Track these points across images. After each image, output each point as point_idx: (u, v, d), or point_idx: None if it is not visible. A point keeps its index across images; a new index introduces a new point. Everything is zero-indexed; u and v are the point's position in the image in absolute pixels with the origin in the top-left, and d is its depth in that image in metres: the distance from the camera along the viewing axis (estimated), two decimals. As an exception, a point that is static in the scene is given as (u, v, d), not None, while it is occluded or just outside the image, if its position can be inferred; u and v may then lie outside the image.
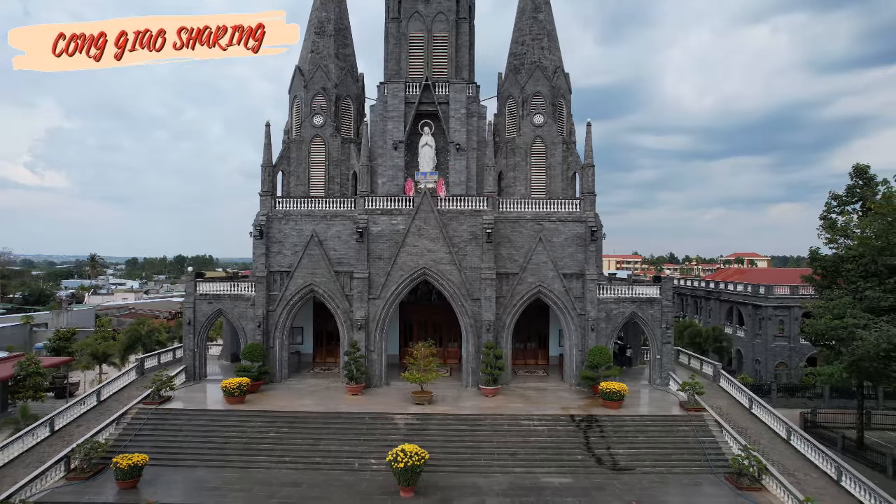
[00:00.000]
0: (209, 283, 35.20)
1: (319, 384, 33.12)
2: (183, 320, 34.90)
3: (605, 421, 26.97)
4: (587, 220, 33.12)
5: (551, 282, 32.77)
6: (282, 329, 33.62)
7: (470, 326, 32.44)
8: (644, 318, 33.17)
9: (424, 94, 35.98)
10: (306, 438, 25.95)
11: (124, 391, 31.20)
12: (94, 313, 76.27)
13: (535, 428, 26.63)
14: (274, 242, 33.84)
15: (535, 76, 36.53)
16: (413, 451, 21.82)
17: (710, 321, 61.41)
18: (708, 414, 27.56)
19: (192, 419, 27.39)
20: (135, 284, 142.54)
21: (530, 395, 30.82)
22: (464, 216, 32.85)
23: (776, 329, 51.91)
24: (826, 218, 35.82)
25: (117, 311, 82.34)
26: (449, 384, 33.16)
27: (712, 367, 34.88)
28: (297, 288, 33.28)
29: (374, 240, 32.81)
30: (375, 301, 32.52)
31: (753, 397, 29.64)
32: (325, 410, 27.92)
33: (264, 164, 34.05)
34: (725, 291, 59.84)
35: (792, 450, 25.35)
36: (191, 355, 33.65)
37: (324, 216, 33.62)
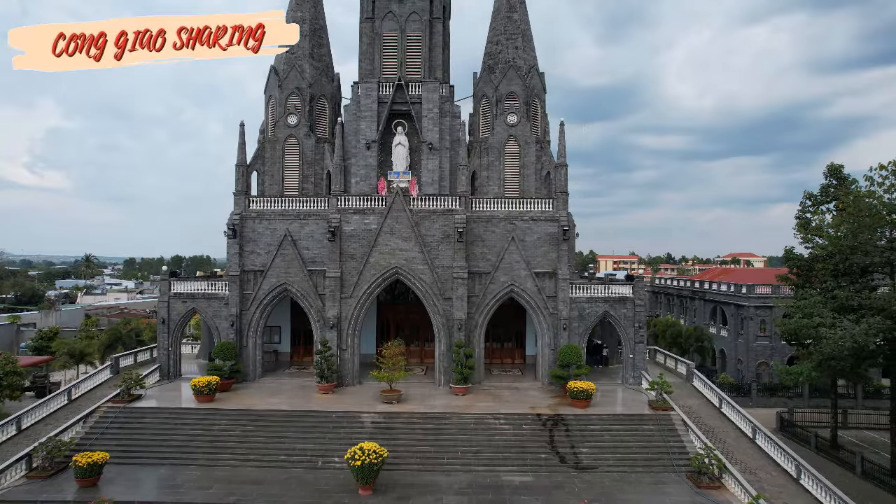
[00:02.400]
0: (184, 282, 35.22)
1: (293, 383, 33.12)
2: (157, 319, 34.91)
3: (571, 420, 26.92)
4: (560, 220, 33.10)
5: (524, 281, 32.76)
6: (255, 328, 33.63)
7: (442, 325, 32.44)
8: (617, 317, 33.14)
9: (398, 93, 36.01)
10: (272, 436, 25.93)
11: (96, 390, 31.23)
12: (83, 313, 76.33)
13: (500, 427, 26.60)
14: (248, 242, 33.86)
15: (509, 76, 36.57)
16: (371, 449, 21.79)
17: (696, 321, 61.42)
18: (675, 413, 27.50)
19: (158, 417, 27.39)
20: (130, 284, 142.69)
21: (501, 394, 30.80)
22: (436, 215, 32.86)
23: (758, 328, 51.90)
24: (801, 217, 35.84)
25: (107, 311, 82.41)
26: (423, 383, 33.17)
27: (686, 366, 34.88)
28: (271, 287, 33.30)
29: (346, 239, 32.82)
30: (348, 300, 32.53)
31: (723, 396, 29.59)
32: (292, 409, 27.93)
33: (238, 163, 34.06)
34: (710, 291, 59.85)
35: (756, 448, 25.31)
36: (164, 354, 33.69)
37: (297, 215, 33.64)
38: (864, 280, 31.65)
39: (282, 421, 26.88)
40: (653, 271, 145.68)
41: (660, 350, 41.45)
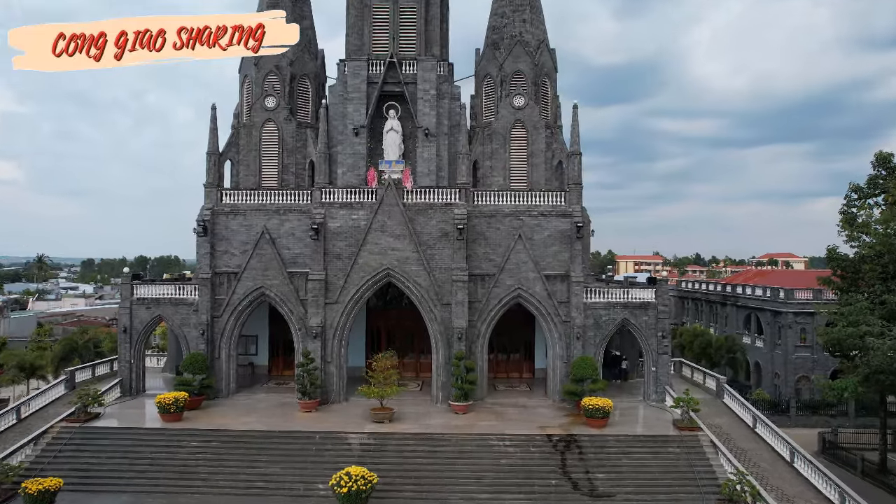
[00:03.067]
0: (148, 285, 35.27)
1: (271, 399, 33.18)
2: (118, 328, 34.97)
3: (585, 441, 26.96)
4: (573, 215, 33.13)
5: (532, 284, 32.79)
6: (229, 337, 33.68)
7: (440, 335, 32.47)
8: (637, 325, 33.18)
9: (390, 72, 36.02)
10: (247, 460, 25.97)
11: (49, 408, 31.18)
12: (35, 321, 76.42)
13: (506, 449, 26.63)
14: (220, 240, 33.89)
15: (516, 52, 36.63)
16: (359, 474, 21.87)
17: (727, 330, 61.46)
18: (703, 434, 27.53)
19: (119, 439, 27.45)
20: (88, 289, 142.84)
21: (506, 413, 30.85)
22: (433, 210, 32.89)
23: (797, 338, 51.91)
24: (846, 213, 35.85)
25: (62, 319, 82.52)
26: (418, 400, 33.20)
27: (716, 381, 34.91)
28: (246, 291, 33.34)
29: (332, 237, 32.85)
30: (333, 306, 32.56)
31: (757, 415, 29.62)
32: (271, 429, 27.99)
33: (209, 151, 34.11)
34: (743, 296, 59.89)
35: (795, 473, 25.32)
36: (126, 367, 33.73)
37: (276, 210, 33.67)
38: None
39: (258, 443, 26.89)
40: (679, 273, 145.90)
41: (686, 363, 41.41)
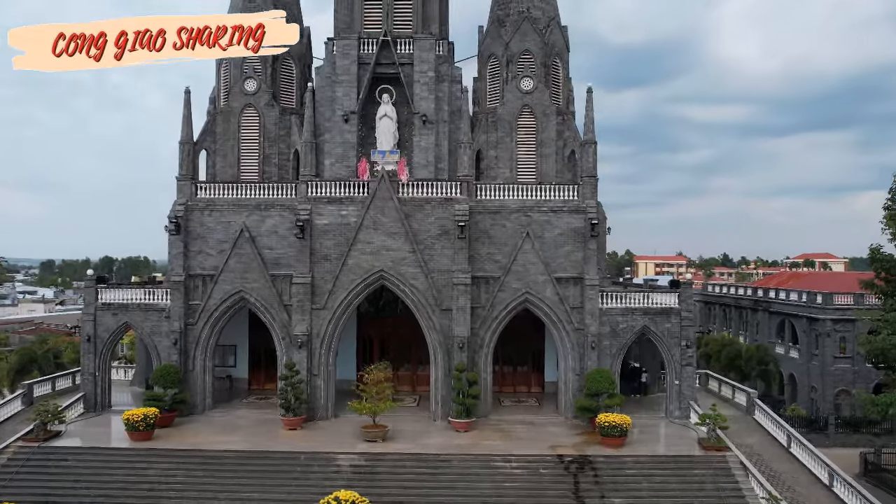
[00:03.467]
0: (115, 289, 35.30)
1: (251, 416, 33.23)
2: (81, 336, 34.94)
3: (601, 463, 26.97)
4: (587, 211, 33.08)
5: (542, 288, 32.75)
6: (204, 347, 33.66)
7: (439, 344, 32.45)
8: (659, 333, 33.15)
9: (383, 52, 35.99)
10: (225, 484, 25.98)
11: (5, 425, 31.27)
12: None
13: (512, 472, 26.66)
14: (194, 239, 33.86)
15: (523, 30, 36.66)
16: (349, 499, 21.68)
17: (759, 338, 61.42)
18: (732, 454, 27.51)
19: (83, 460, 27.50)
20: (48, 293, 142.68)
21: (513, 431, 30.85)
22: (432, 206, 32.88)
23: (837, 348, 51.85)
24: (891, 208, 35.74)
25: (19, 326, 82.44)
26: (415, 416, 33.25)
27: (746, 395, 34.90)
28: (224, 296, 33.31)
29: (319, 235, 32.83)
30: (320, 312, 32.53)
31: (792, 433, 29.64)
32: (251, 448, 28.02)
33: (183, 140, 34.11)
34: (776, 301, 59.87)
35: (834, 498, 25.34)
36: (90, 380, 33.74)
37: (257, 206, 33.66)
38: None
39: (237, 464, 26.89)
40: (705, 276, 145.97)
41: (713, 375, 41.39)
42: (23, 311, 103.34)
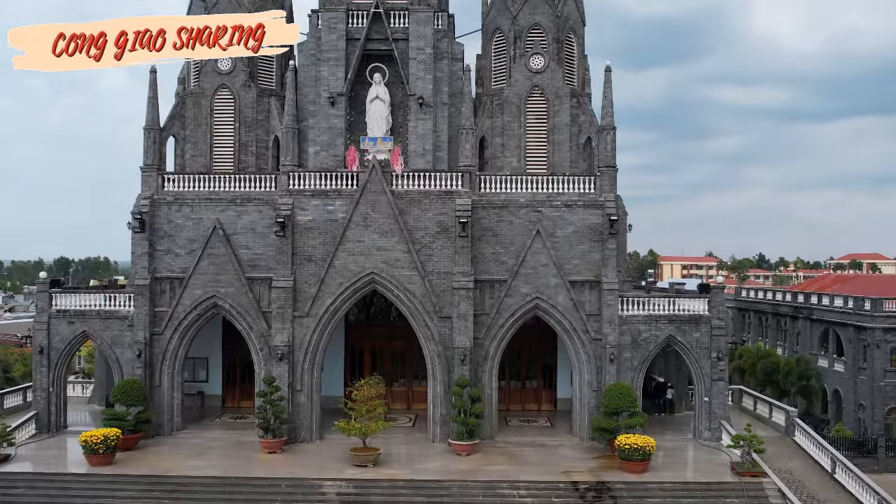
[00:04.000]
0: (71, 294, 35.35)
1: (226, 438, 33.42)
2: (32, 347, 35.02)
3: (621, 490, 27.11)
4: (605, 206, 33.20)
5: (553, 293, 32.85)
6: (173, 359, 33.74)
7: (438, 356, 32.54)
8: (686, 344, 33.24)
9: (375, 26, 36.17)
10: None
11: (-54, 448, 31.26)
12: (-72, 339, 76.35)
13: (521, 501, 26.79)
14: (161, 237, 33.96)
15: (533, 1, 36.77)
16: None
17: (799, 350, 61.55)
18: (769, 480, 27.71)
19: (35, 487, 27.58)
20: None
21: (522, 454, 31.00)
22: (429, 200, 33.00)
23: (888, 361, 51.96)
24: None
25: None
26: (411, 438, 33.48)
27: (785, 414, 35.00)
28: (194, 301, 33.40)
29: (302, 233, 32.95)
30: (303, 320, 32.64)
31: (837, 457, 29.71)
32: (225, 474, 28.17)
33: (147, 126, 34.18)
34: (818, 307, 59.99)
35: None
36: (43, 396, 33.81)
37: (232, 200, 33.78)
38: None
39: (210, 492, 27.02)
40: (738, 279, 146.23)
41: (747, 391, 41.51)
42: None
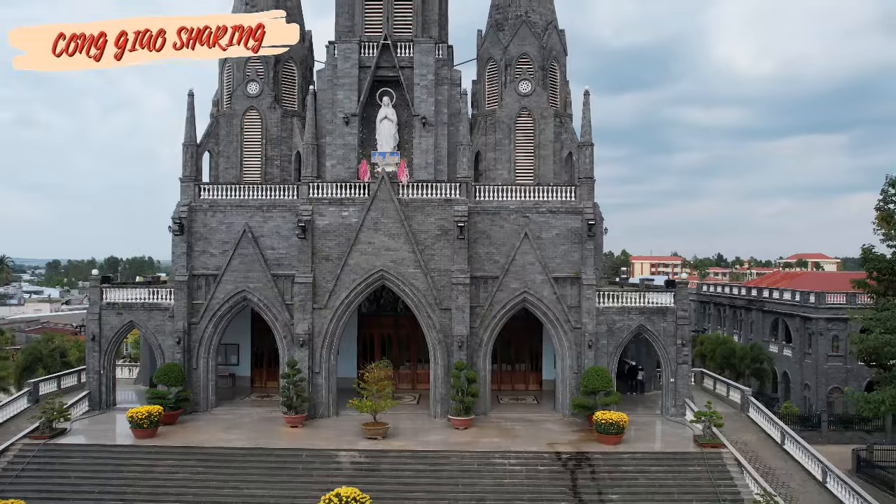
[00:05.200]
0: (119, 289, 35.24)
1: (254, 414, 33.23)
2: (86, 335, 34.89)
3: (598, 460, 26.97)
4: (584, 212, 33.07)
5: (539, 287, 32.73)
6: (208, 346, 33.61)
7: (438, 343, 32.43)
8: (655, 332, 33.13)
9: (384, 55, 35.93)
10: (227, 480, 26.00)
11: (11, 423, 31.17)
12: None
13: (511, 468, 26.64)
14: (198, 239, 33.83)
15: (521, 34, 36.67)
16: (350, 495, 21.63)
17: (752, 337, 61.46)
18: (727, 451, 27.55)
19: (88, 457, 27.49)
20: (54, 293, 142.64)
21: (512, 428, 30.85)
22: (431, 207, 32.86)
23: (829, 346, 51.87)
24: (882, 209, 35.75)
25: (25, 326, 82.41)
26: (416, 414, 33.26)
27: (741, 393, 34.88)
28: (227, 295, 33.28)
29: (320, 236, 32.80)
30: (322, 311, 32.50)
31: (786, 430, 29.62)
32: (253, 446, 28.01)
33: (186, 142, 34.08)
34: (770, 300, 59.87)
35: (827, 494, 25.32)
36: (95, 378, 33.66)
37: (259, 207, 33.64)
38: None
39: (240, 461, 26.90)
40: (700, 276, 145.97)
41: (708, 373, 41.39)
42: (29, 311, 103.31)
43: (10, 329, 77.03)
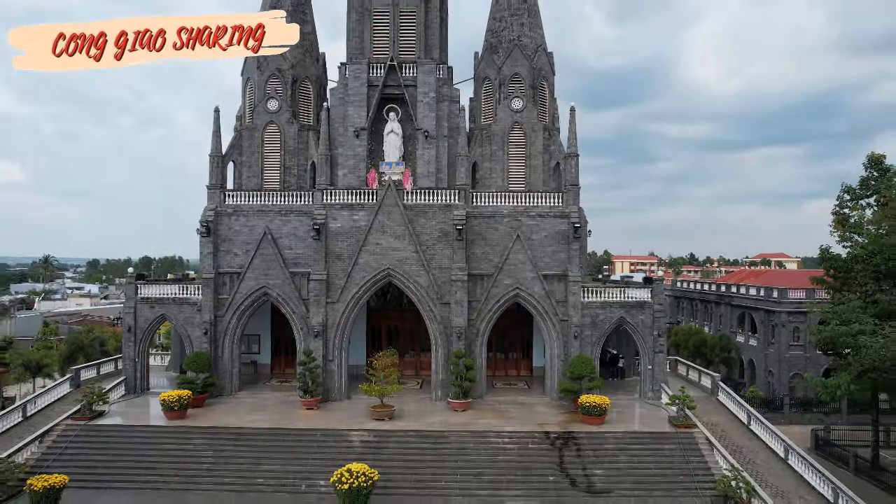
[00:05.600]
0: (152, 285, 35.17)
1: (274, 397, 33.11)
2: (122, 327, 34.85)
3: (583, 438, 26.89)
4: (570, 216, 33.04)
5: (530, 284, 32.69)
6: (232, 336, 33.57)
7: (439, 334, 32.38)
8: (634, 324, 33.08)
9: (390, 75, 35.96)
10: (249, 457, 25.89)
11: (55, 405, 31.11)
12: (41, 320, 76.21)
13: (504, 446, 26.55)
14: (223, 240, 33.78)
15: (514, 56, 36.59)
16: (360, 471, 21.75)
17: (721, 329, 61.34)
18: (699, 431, 27.46)
19: (124, 436, 27.38)
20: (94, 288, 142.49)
21: (505, 410, 30.76)
22: (433, 211, 32.82)
23: (791, 337, 51.78)
24: (838, 213, 35.77)
25: (68, 318, 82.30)
26: (418, 398, 33.15)
27: (711, 378, 34.84)
28: (249, 291, 33.23)
29: (333, 237, 32.77)
30: (334, 305, 32.46)
31: (752, 412, 29.58)
32: (273, 426, 27.91)
33: (212, 153, 34.00)
34: (737, 296, 59.74)
35: (789, 470, 25.29)
36: (131, 365, 33.62)
37: (278, 211, 33.59)
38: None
39: (261, 440, 26.84)
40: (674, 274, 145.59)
41: (682, 361, 41.38)
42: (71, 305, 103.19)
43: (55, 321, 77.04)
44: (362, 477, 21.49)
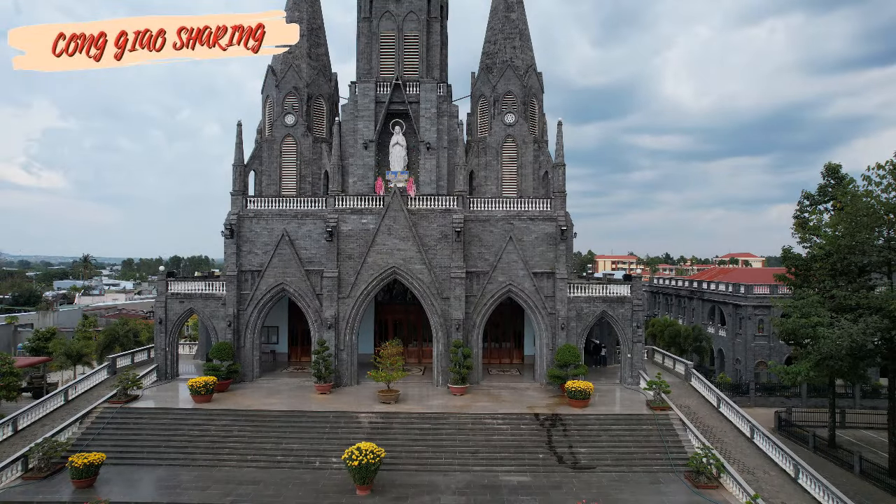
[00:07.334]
0: (181, 282, 35.14)
1: (291, 383, 33.06)
2: (154, 320, 34.84)
3: (569, 420, 26.88)
4: (557, 219, 33.05)
5: (522, 281, 32.70)
6: (253, 328, 33.54)
7: (440, 325, 32.37)
8: (615, 317, 33.09)
9: (395, 93, 35.93)
10: (270, 437, 25.84)
11: (93, 391, 31.11)
12: (81, 314, 76.17)
13: (498, 427, 26.53)
14: (245, 242, 33.77)
15: (507, 75, 36.53)
16: (369, 449, 21.73)
17: (694, 321, 61.42)
18: (673, 413, 27.45)
19: (156, 418, 27.32)
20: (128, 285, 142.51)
21: (499, 394, 30.74)
22: (434, 215, 32.82)
23: (756, 328, 51.90)
24: (799, 217, 35.88)
25: (105, 311, 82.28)
26: (421, 383, 33.13)
27: (684, 366, 34.86)
28: (268, 287, 33.23)
29: (344, 239, 32.76)
30: (345, 300, 32.46)
31: (721, 396, 29.57)
32: (290, 409, 27.85)
33: (235, 163, 33.99)
34: (708, 291, 59.86)
35: (754, 448, 25.29)
36: (162, 354, 33.60)
37: (295, 215, 33.57)
38: (861, 279, 31.69)
39: (279, 421, 26.82)
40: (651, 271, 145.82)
41: (658, 350, 41.44)
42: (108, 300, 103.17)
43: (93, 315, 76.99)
44: (370, 454, 21.48)
